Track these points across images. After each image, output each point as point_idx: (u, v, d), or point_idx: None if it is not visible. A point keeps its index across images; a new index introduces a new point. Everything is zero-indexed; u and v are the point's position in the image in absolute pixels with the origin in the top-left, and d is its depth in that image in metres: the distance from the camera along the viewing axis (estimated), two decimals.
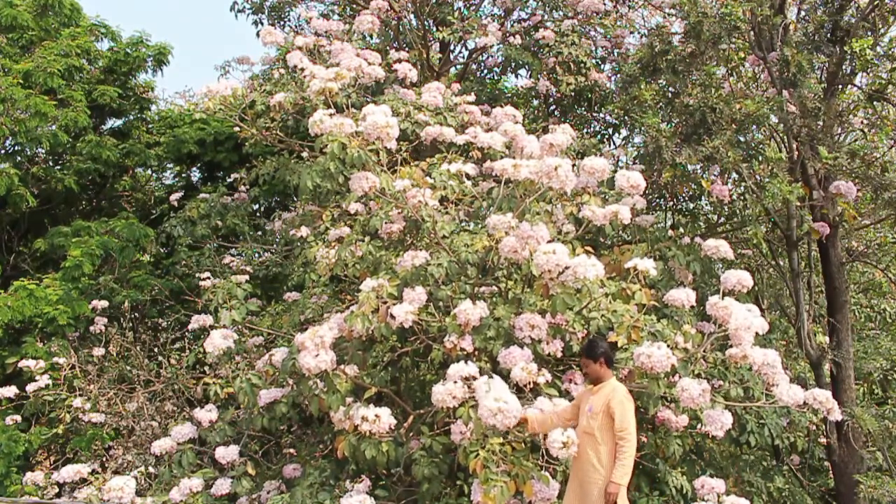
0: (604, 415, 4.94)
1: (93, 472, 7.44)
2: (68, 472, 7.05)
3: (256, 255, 10.57)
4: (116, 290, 10.03)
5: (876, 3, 7.74)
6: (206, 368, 8.91)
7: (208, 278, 8.57)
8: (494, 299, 6.40)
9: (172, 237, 10.29)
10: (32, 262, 11.17)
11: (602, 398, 5.01)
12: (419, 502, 6.13)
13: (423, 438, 6.00)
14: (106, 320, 9.62)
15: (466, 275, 6.53)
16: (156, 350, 9.67)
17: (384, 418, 5.57)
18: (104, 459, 8.53)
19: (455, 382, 5.11)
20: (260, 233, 11.14)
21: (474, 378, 5.14)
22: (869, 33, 7.64)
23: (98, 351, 9.17)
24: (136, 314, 10.48)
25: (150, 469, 7.45)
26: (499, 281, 6.69)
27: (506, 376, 5.37)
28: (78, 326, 9.64)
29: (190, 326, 7.48)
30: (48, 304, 9.43)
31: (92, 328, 9.61)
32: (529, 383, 5.26)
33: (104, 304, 9.60)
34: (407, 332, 6.14)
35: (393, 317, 5.68)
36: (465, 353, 5.65)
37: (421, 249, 6.34)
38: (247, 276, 8.13)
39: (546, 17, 10.98)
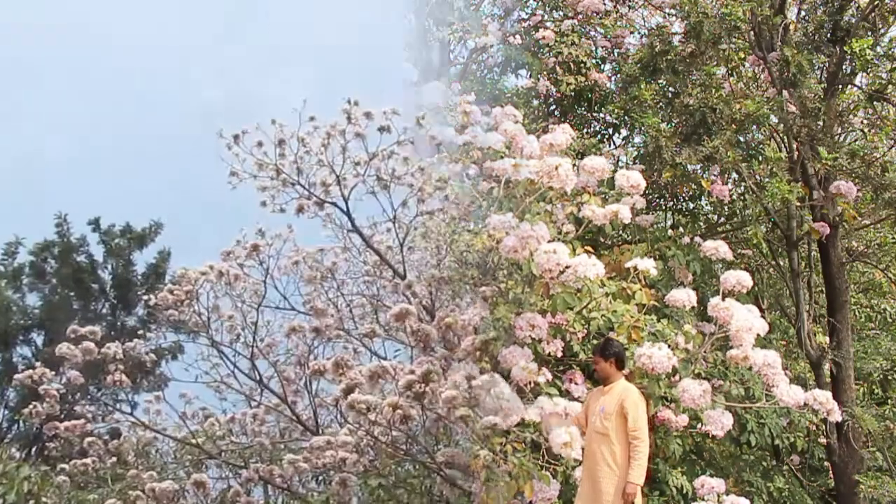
0: (617, 415, 4.91)
1: None
2: None
3: None
4: None
5: (876, 3, 7.74)
6: None
7: None
8: (495, 299, 6.39)
9: None
10: None
11: (615, 399, 4.97)
12: None
13: None
14: None
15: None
16: None
17: None
18: None
19: None
20: None
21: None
22: (869, 33, 7.64)
23: None
24: None
25: None
26: (499, 281, 6.68)
27: (506, 376, 5.36)
28: None
29: None
30: None
31: None
32: (529, 383, 5.25)
33: None
34: None
35: None
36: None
37: None
38: None
39: (546, 17, 10.96)
